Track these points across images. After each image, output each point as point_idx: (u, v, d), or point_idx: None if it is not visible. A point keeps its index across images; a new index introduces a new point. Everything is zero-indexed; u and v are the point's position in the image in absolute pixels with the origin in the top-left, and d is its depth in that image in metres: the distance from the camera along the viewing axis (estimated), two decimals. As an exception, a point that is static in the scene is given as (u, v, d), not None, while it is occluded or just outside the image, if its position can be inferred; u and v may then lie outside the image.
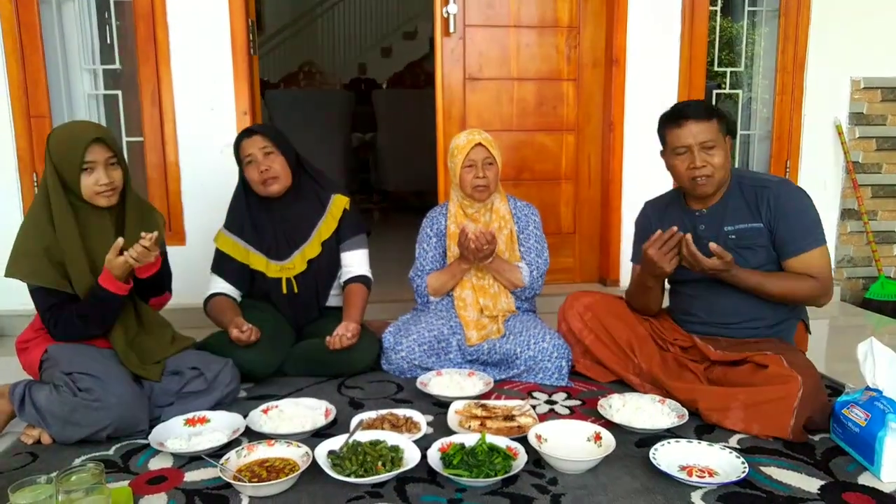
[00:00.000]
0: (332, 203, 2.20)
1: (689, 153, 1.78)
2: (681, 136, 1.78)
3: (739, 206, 1.82)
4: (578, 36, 2.97)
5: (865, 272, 3.21)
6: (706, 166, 1.77)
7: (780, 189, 1.80)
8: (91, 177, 1.68)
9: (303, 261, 2.17)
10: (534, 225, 2.21)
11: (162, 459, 1.56)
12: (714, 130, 1.76)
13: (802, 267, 1.77)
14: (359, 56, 8.29)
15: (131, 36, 2.70)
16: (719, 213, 1.84)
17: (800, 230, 1.76)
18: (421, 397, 1.92)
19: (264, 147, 2.07)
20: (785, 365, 1.64)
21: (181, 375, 1.80)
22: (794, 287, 1.77)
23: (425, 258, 2.21)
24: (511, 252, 2.17)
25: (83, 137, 1.67)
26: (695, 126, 1.76)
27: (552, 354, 2.02)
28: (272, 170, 2.07)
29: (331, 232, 2.19)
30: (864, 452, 1.48)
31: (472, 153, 2.08)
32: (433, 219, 2.25)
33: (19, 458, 1.59)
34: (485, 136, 2.11)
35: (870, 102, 3.10)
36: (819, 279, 1.76)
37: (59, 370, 1.66)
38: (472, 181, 2.10)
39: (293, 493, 1.40)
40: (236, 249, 2.16)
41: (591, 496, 1.38)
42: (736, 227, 1.81)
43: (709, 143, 1.76)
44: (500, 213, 2.19)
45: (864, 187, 3.14)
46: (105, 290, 1.67)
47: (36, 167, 2.66)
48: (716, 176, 1.78)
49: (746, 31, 3.14)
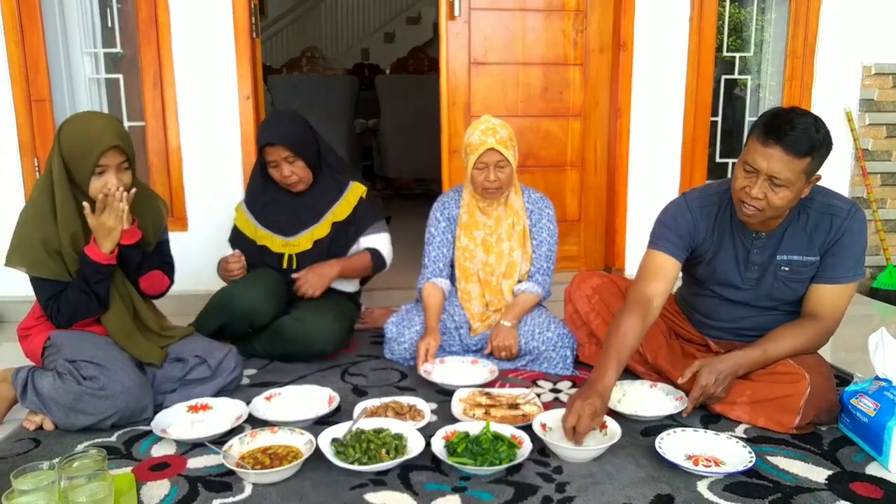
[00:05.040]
0: (349, 189, 2.20)
1: (754, 176, 1.52)
2: (758, 155, 1.50)
3: (799, 234, 1.64)
4: (586, 20, 2.92)
5: (873, 261, 3.18)
6: (762, 200, 1.52)
7: (845, 221, 1.61)
8: (101, 179, 1.66)
9: (309, 240, 2.16)
10: (547, 218, 2.13)
11: (165, 446, 1.56)
12: (798, 170, 1.48)
13: (824, 296, 1.64)
14: (362, 41, 8.22)
15: (133, 19, 2.66)
16: (776, 240, 1.66)
17: (846, 263, 1.62)
18: (424, 385, 1.91)
19: (287, 156, 2.08)
20: (792, 363, 1.61)
21: (184, 362, 1.79)
22: (795, 347, 1.64)
23: (432, 243, 2.15)
24: (523, 248, 2.11)
25: (100, 142, 1.63)
26: (778, 155, 1.47)
27: (556, 344, 2.00)
28: (295, 175, 2.11)
29: (344, 215, 2.17)
30: (872, 442, 1.47)
31: (483, 156, 1.98)
32: (445, 203, 2.18)
33: (22, 443, 1.58)
34: (500, 137, 1.97)
35: (881, 89, 3.05)
36: (823, 321, 1.64)
37: (62, 357, 1.65)
38: (482, 182, 2.01)
39: (296, 480, 1.39)
40: (248, 226, 2.19)
41: (596, 485, 1.37)
42: (790, 257, 1.64)
43: (780, 181, 1.49)
44: (513, 207, 2.11)
45: (874, 175, 3.10)
46: (90, 259, 1.65)
47: (37, 151, 2.64)
48: (767, 213, 1.55)
49: (756, 16, 3.08)
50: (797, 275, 1.66)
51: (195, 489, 1.37)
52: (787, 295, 1.69)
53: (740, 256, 1.70)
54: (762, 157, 1.49)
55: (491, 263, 2.10)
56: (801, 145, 1.47)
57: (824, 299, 1.65)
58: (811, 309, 1.67)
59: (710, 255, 1.73)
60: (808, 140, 1.47)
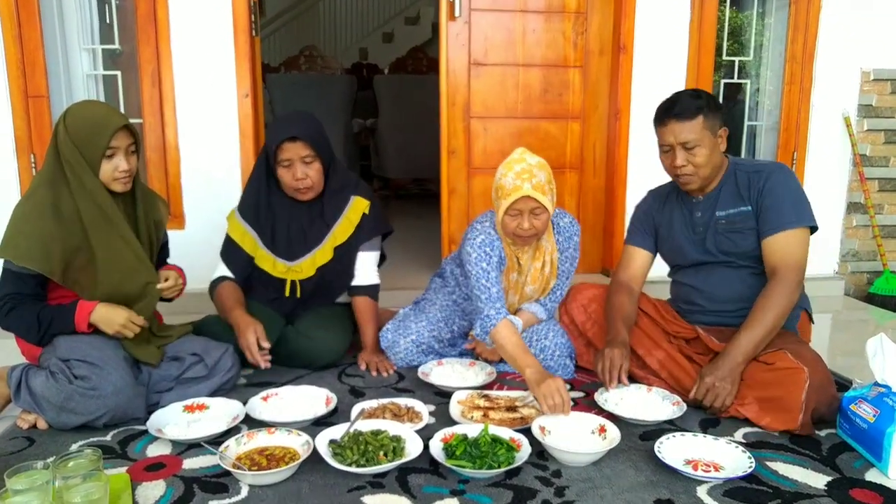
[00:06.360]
0: (350, 206, 2.07)
1: (672, 151, 1.79)
2: (663, 134, 1.79)
3: (732, 191, 1.83)
4: (586, 22, 2.92)
5: (870, 266, 3.19)
6: (687, 165, 1.77)
7: (770, 170, 1.80)
8: (111, 162, 1.65)
9: (312, 266, 2.05)
10: (574, 246, 2.00)
11: (160, 446, 1.54)
12: (698, 129, 1.74)
13: (774, 248, 1.75)
14: (360, 41, 8.21)
15: (131, 15, 2.65)
16: (713, 200, 1.86)
17: (781, 208, 1.75)
18: (422, 387, 1.90)
19: (306, 156, 1.94)
20: (790, 358, 1.63)
21: (181, 361, 1.78)
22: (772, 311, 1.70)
23: (489, 278, 1.84)
24: (546, 285, 2.00)
25: (111, 123, 1.63)
26: (677, 125, 1.75)
27: (555, 353, 1.99)
28: (309, 179, 1.96)
29: (346, 237, 2.06)
30: (871, 449, 1.47)
31: (518, 203, 1.76)
32: (489, 242, 1.88)
33: (15, 442, 1.57)
34: (537, 181, 1.75)
35: (879, 94, 3.06)
36: (781, 273, 1.71)
37: (56, 356, 1.63)
38: (514, 229, 1.81)
39: (293, 482, 1.38)
40: (245, 239, 2.06)
41: (595, 489, 1.36)
42: (727, 212, 1.83)
43: (690, 144, 1.75)
44: (543, 250, 1.95)
45: (871, 180, 3.11)
46: (72, 316, 1.63)
47: (33, 148, 2.62)
48: (699, 173, 1.78)
49: (755, 20, 3.09)
50: (733, 225, 1.82)
51: (191, 490, 1.35)
52: (730, 246, 1.83)
53: (686, 220, 1.91)
54: (667, 133, 1.78)
55: (514, 303, 2.04)
56: (689, 109, 1.75)
57: (775, 251, 1.75)
58: (769, 266, 1.77)
59: (665, 231, 1.96)
60: (693, 104, 1.75)
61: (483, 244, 1.88)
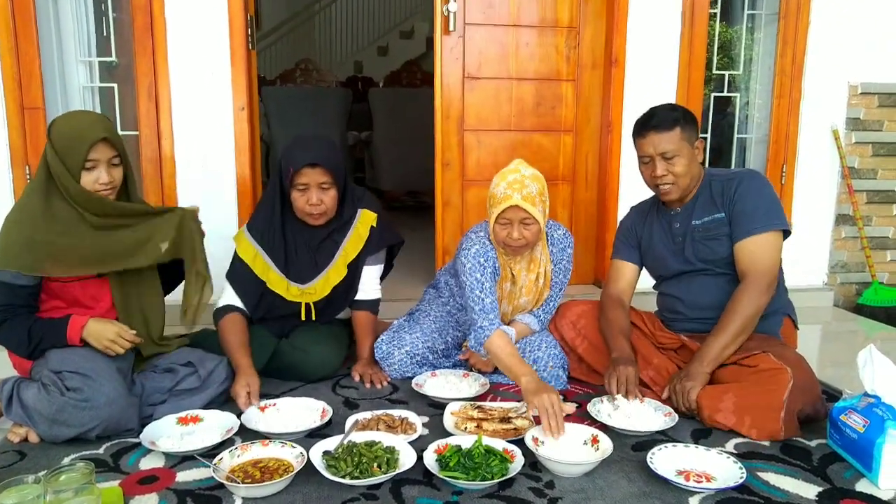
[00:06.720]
0: (358, 220, 2.05)
1: (651, 162, 1.85)
2: (643, 146, 1.85)
3: (706, 200, 1.89)
4: (578, 36, 2.96)
5: (859, 278, 3.22)
6: (667, 175, 1.83)
7: (741, 177, 1.86)
8: (92, 175, 1.65)
9: (326, 286, 2.02)
10: (567, 259, 2.02)
11: (153, 459, 1.54)
12: (676, 140, 1.80)
13: (745, 252, 1.80)
14: (355, 54, 8.27)
15: (128, 28, 2.66)
16: (689, 209, 1.91)
17: (751, 212, 1.80)
18: (416, 398, 1.90)
19: (323, 182, 1.91)
20: (773, 359, 1.66)
21: (174, 373, 1.78)
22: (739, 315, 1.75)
23: (483, 289, 1.86)
24: (540, 296, 2.02)
25: (89, 136, 1.62)
26: (656, 137, 1.81)
27: (547, 364, 1.99)
28: (323, 205, 1.93)
29: (357, 252, 2.04)
30: (861, 459, 1.48)
31: (507, 212, 1.79)
32: (483, 253, 1.90)
33: (6, 456, 1.56)
34: (527, 192, 1.77)
35: (867, 108, 3.11)
36: (750, 277, 1.76)
37: (48, 368, 1.63)
38: (504, 239, 1.84)
39: (287, 494, 1.38)
40: (257, 261, 2.00)
41: (588, 500, 1.37)
42: (703, 220, 1.88)
43: (669, 154, 1.81)
44: (538, 262, 1.97)
45: (860, 193, 3.15)
46: (65, 330, 1.64)
47: (29, 159, 2.62)
48: (679, 183, 1.84)
49: (744, 35, 3.14)
50: (709, 232, 1.87)
51: (184, 503, 1.35)
52: (707, 254, 1.88)
53: (665, 230, 1.97)
54: (647, 145, 1.84)
55: (508, 313, 2.05)
56: (666, 121, 1.81)
57: (745, 255, 1.80)
58: (739, 270, 1.83)
59: (647, 242, 2.02)
60: (670, 116, 1.82)
61: (477, 254, 1.89)
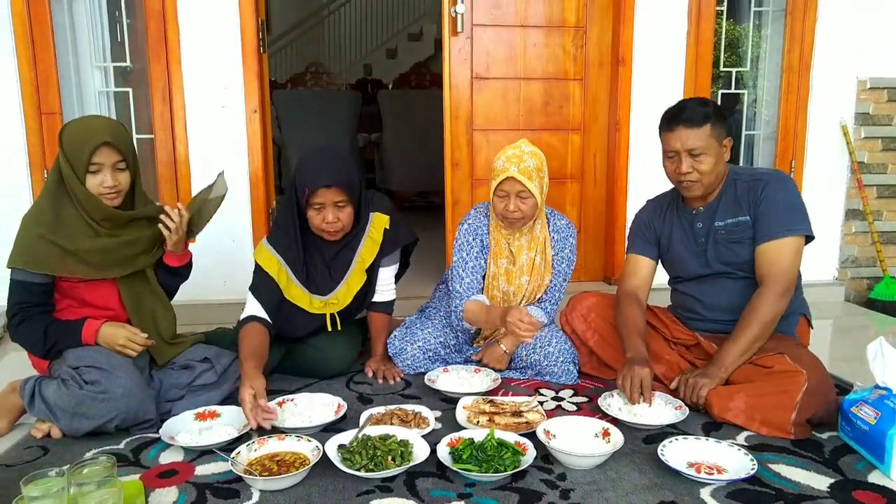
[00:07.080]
0: (371, 224, 2.03)
1: (677, 157, 1.80)
2: (670, 140, 1.81)
3: (731, 201, 1.85)
4: (585, 36, 2.97)
5: (870, 272, 3.21)
6: (692, 172, 1.79)
7: (767, 179, 1.82)
8: (96, 178, 1.69)
9: (348, 294, 2.01)
10: (569, 248, 2.07)
11: (173, 453, 1.57)
12: (705, 137, 1.76)
13: (766, 256, 1.77)
14: (365, 57, 8.32)
15: (142, 34, 2.71)
16: (713, 210, 1.87)
17: (774, 216, 1.76)
18: (429, 393, 1.93)
19: (339, 201, 1.88)
20: (789, 361, 1.65)
21: (191, 369, 1.82)
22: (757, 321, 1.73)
23: (465, 267, 1.99)
24: (542, 279, 2.06)
25: (92, 140, 1.66)
26: (685, 132, 1.77)
27: (558, 359, 2.01)
28: (340, 223, 1.91)
29: (373, 257, 2.02)
30: (873, 450, 1.48)
31: (504, 184, 1.89)
32: (475, 227, 2.03)
33: (30, 451, 1.60)
34: (525, 166, 1.87)
35: (876, 102, 3.10)
36: (770, 281, 1.74)
37: (66, 365, 1.67)
38: (502, 211, 1.92)
39: (303, 486, 1.41)
40: (281, 275, 1.96)
41: (600, 492, 1.39)
42: (726, 222, 1.84)
43: (697, 151, 1.77)
44: (537, 239, 2.02)
45: (870, 187, 3.14)
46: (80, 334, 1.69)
47: (47, 164, 2.68)
48: (703, 181, 1.80)
49: (752, 32, 3.14)
50: (733, 235, 1.83)
51: (203, 496, 1.38)
52: (730, 257, 1.84)
53: (687, 230, 1.92)
54: (674, 140, 1.79)
55: (510, 294, 2.08)
56: (697, 117, 1.76)
57: (765, 259, 1.78)
58: (760, 273, 1.80)
59: (666, 240, 1.97)
60: (700, 112, 1.77)
61: (468, 231, 2.03)
